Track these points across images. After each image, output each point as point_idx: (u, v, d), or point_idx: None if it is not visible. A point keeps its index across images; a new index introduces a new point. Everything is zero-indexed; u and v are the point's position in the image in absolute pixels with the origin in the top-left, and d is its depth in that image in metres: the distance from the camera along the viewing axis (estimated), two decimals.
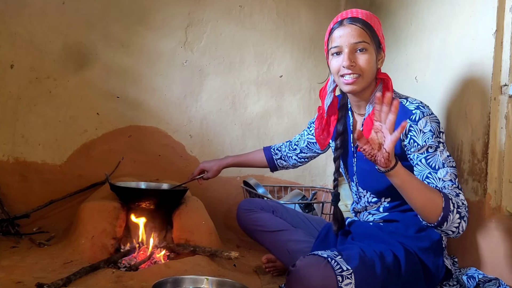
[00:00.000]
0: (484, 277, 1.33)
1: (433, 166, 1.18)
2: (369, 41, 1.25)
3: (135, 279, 1.47)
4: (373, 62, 1.27)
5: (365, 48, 1.25)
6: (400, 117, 1.19)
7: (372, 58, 1.26)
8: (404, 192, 1.11)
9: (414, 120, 1.21)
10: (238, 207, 1.67)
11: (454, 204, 1.10)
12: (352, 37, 1.25)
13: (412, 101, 1.26)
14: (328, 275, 1.12)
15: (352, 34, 1.24)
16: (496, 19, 1.43)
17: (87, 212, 1.80)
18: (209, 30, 2.41)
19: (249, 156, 1.79)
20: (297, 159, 1.68)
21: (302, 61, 2.57)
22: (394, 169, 1.07)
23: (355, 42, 1.25)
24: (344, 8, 2.57)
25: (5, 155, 2.13)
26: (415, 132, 1.21)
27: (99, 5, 2.24)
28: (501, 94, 1.45)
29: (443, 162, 1.18)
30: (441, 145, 1.20)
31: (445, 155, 1.20)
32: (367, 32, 1.25)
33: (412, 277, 1.25)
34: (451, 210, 1.08)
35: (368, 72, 1.27)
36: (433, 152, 1.19)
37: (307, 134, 1.65)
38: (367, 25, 1.26)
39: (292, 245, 1.52)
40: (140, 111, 2.31)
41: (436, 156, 1.19)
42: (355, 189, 1.44)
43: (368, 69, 1.26)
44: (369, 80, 1.29)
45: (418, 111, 1.22)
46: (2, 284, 1.38)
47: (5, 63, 2.12)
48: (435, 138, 1.20)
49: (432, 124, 1.20)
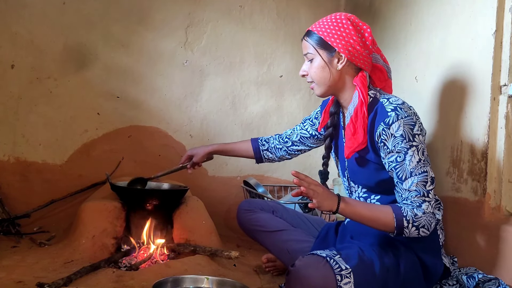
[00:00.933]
0: (483, 277, 1.33)
1: (400, 176, 1.21)
2: (313, 51, 1.33)
3: (136, 278, 1.47)
4: (319, 69, 1.33)
5: (312, 58, 1.35)
6: (378, 118, 1.25)
7: (319, 65, 1.33)
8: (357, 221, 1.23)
9: (387, 124, 1.22)
10: (238, 207, 1.67)
11: (409, 221, 1.16)
12: (303, 49, 1.38)
13: (392, 102, 1.25)
14: (327, 274, 1.12)
15: (303, 47, 1.38)
16: (496, 19, 1.44)
17: (88, 212, 1.81)
18: (209, 30, 2.41)
19: (236, 145, 1.79)
20: (286, 151, 1.68)
21: (302, 61, 2.50)
22: (339, 210, 1.19)
23: (304, 54, 1.38)
24: (344, 8, 2.58)
25: (5, 155, 2.14)
26: (386, 136, 1.22)
27: (99, 5, 2.24)
28: (500, 94, 1.45)
29: (411, 170, 1.19)
30: (412, 148, 1.19)
31: (415, 160, 1.19)
32: (311, 43, 1.34)
33: (411, 275, 1.26)
34: (405, 226, 1.17)
35: (318, 79, 1.34)
36: (401, 160, 1.20)
37: (300, 129, 1.65)
38: (312, 36, 1.34)
39: (292, 245, 1.52)
40: (140, 111, 2.32)
41: (404, 166, 1.20)
42: (347, 184, 1.45)
43: (316, 76, 1.34)
44: (325, 84, 1.34)
45: (393, 113, 1.22)
46: (3, 283, 1.38)
47: (5, 63, 2.13)
48: (406, 143, 1.20)
49: (404, 128, 1.20)
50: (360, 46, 1.30)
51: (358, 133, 1.27)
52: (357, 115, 1.28)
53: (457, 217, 1.56)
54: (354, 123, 1.28)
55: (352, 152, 1.29)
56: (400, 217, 1.16)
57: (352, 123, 1.29)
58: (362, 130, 1.27)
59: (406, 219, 1.16)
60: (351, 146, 1.29)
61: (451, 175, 1.60)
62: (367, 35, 1.31)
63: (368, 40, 1.31)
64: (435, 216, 1.18)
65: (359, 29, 1.30)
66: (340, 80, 1.33)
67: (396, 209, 1.18)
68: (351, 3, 2.52)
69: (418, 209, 1.17)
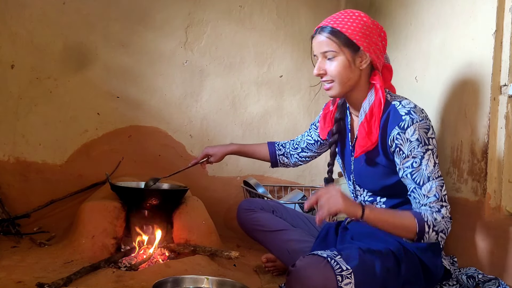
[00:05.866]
0: (483, 277, 1.33)
1: (418, 182, 1.20)
2: (336, 48, 1.26)
3: (136, 278, 1.47)
4: (344, 68, 1.27)
5: (333, 56, 1.27)
6: (392, 121, 1.23)
7: (342, 64, 1.27)
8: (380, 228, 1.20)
9: (402, 128, 1.20)
10: (238, 207, 1.67)
11: (430, 226, 1.16)
12: (320, 46, 1.29)
13: (405, 105, 1.24)
14: (328, 274, 1.12)
15: (321, 44, 1.29)
16: (496, 19, 1.44)
17: (88, 212, 1.81)
18: (209, 30, 2.41)
19: (253, 147, 1.77)
20: (298, 158, 1.69)
21: (302, 61, 2.57)
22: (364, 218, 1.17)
23: (323, 52, 1.29)
24: (344, 8, 2.57)
25: (5, 155, 2.13)
26: (401, 141, 1.21)
27: (99, 5, 2.24)
28: (500, 94, 1.45)
29: (428, 175, 1.19)
30: (428, 152, 1.19)
31: (431, 165, 1.19)
32: (334, 40, 1.26)
33: (411, 277, 1.25)
34: (426, 231, 1.16)
35: (340, 78, 1.28)
36: (417, 166, 1.19)
37: (307, 135, 1.65)
38: (335, 33, 1.26)
39: (292, 245, 1.52)
40: (140, 111, 2.32)
41: (421, 171, 1.19)
42: (352, 187, 1.45)
43: (339, 75, 1.27)
44: (346, 84, 1.29)
45: (407, 117, 1.21)
46: (3, 283, 1.38)
47: (5, 63, 2.13)
48: (422, 147, 1.19)
49: (420, 132, 1.19)
50: (379, 46, 1.30)
51: (372, 132, 1.26)
52: (373, 113, 1.26)
53: (457, 217, 1.55)
54: (369, 122, 1.27)
55: (363, 151, 1.28)
56: (422, 223, 1.16)
57: (367, 121, 1.27)
58: (376, 130, 1.25)
59: (427, 224, 1.16)
60: (363, 145, 1.27)
61: (451, 175, 1.60)
62: (383, 35, 1.31)
63: (384, 40, 1.32)
64: (450, 220, 1.19)
65: (378, 29, 1.30)
66: (359, 79, 1.31)
67: (417, 215, 1.17)
68: (351, 3, 2.52)
69: (438, 214, 1.17)
